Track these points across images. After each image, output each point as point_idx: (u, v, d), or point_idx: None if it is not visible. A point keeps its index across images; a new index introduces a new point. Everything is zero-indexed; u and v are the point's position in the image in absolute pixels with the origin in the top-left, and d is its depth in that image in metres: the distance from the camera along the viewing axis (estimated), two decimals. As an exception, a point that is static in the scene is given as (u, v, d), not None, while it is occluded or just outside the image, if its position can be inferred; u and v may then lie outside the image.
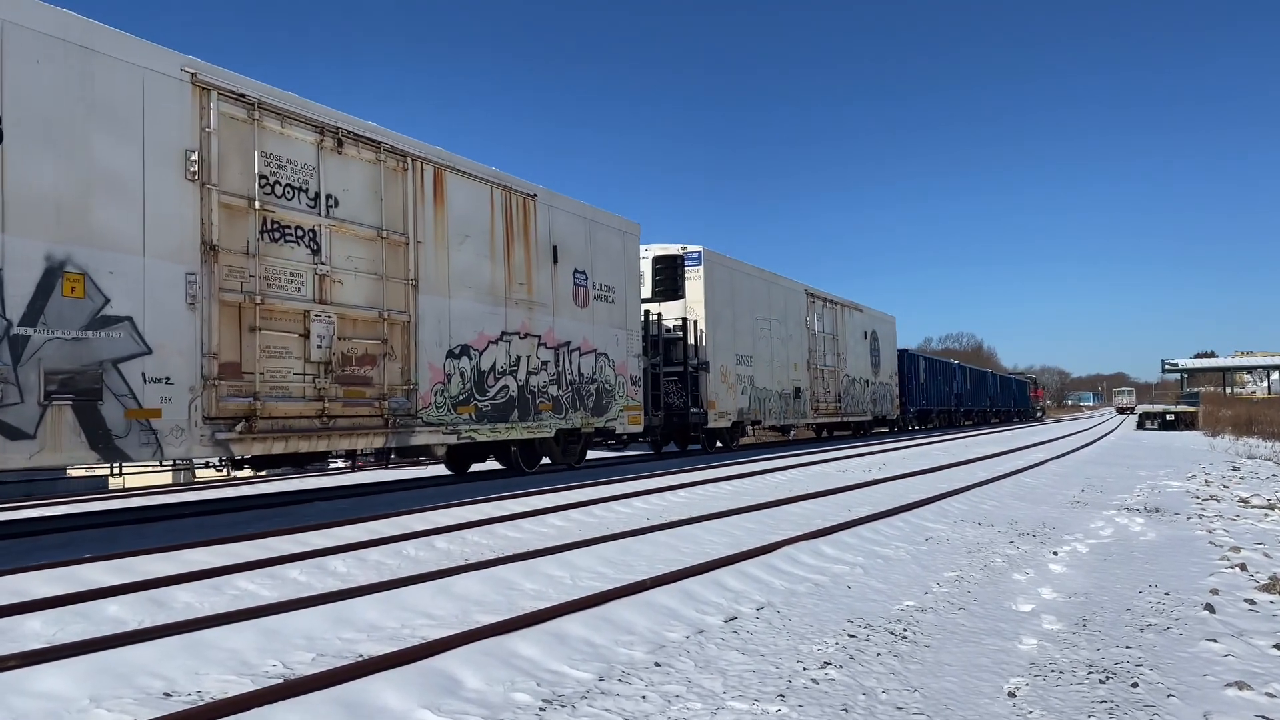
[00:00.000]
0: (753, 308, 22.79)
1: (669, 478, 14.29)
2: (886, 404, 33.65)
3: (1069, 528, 9.55)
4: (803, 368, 25.71)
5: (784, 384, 24.30)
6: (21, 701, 3.90)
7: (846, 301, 30.13)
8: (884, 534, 8.60)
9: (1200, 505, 11.71)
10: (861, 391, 30.72)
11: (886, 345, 34.19)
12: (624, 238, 16.69)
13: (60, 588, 6.26)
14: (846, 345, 29.51)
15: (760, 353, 22.99)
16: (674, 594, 5.88)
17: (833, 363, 28.13)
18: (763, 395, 23.00)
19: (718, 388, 20.49)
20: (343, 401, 10.26)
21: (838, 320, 28.91)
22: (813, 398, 26.25)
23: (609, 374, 15.84)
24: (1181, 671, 4.55)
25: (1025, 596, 6.23)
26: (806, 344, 26.14)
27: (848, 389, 29.35)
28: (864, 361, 31.30)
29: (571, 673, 4.43)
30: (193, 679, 4.30)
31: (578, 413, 14.85)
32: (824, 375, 27.30)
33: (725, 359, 21.00)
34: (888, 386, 33.96)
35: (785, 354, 24.55)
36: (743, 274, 22.46)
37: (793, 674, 4.44)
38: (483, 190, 12.83)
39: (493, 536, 8.67)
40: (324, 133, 10.21)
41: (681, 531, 8.56)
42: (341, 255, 10.33)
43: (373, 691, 3.96)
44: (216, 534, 8.68)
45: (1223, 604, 5.96)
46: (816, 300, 27.28)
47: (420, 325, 11.46)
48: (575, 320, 14.95)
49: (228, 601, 6.01)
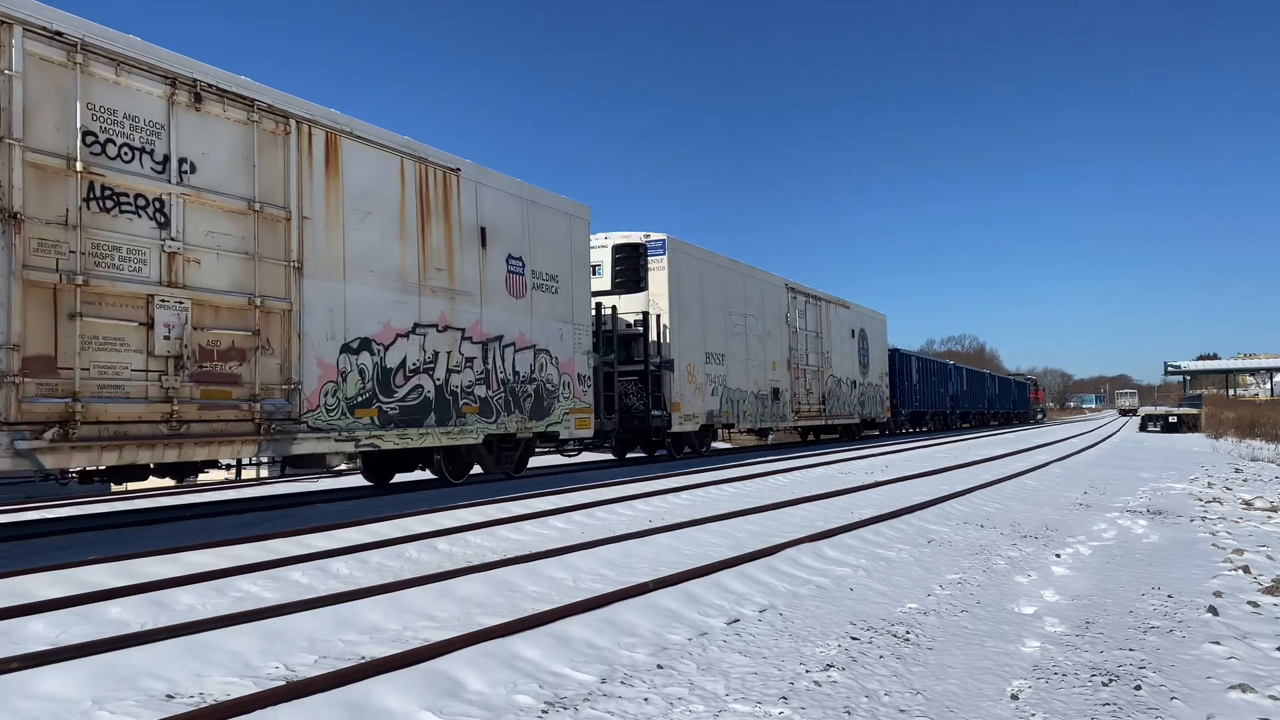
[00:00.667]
0: (725, 302, 21.21)
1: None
2: (876, 406, 32.25)
3: (1071, 530, 9.54)
4: (783, 367, 24.26)
5: (761, 384, 22.83)
6: (25, 704, 3.90)
7: (832, 297, 28.70)
8: (886, 536, 8.59)
9: (1203, 507, 11.70)
10: (848, 393, 29.31)
11: (876, 344, 32.81)
12: (570, 222, 14.94)
13: (63, 590, 6.27)
14: (832, 344, 28.07)
15: (734, 351, 21.46)
16: (676, 596, 5.88)
17: (816, 362, 26.72)
18: (736, 396, 21.50)
19: (683, 388, 19.07)
20: (199, 404, 8.63)
21: (822, 317, 27.50)
22: (794, 399, 24.85)
23: (551, 373, 14.20)
24: (1184, 674, 4.54)
25: (1028, 599, 6.22)
26: (787, 342, 24.60)
27: (833, 390, 27.93)
28: (851, 361, 29.86)
29: (574, 675, 4.42)
30: (195, 681, 4.30)
31: (512, 416, 13.25)
32: (806, 375, 25.91)
33: (692, 357, 19.55)
34: (878, 388, 32.58)
35: (763, 352, 23.04)
36: (713, 265, 20.92)
37: (795, 676, 4.44)
38: (390, 161, 11.24)
39: (495, 538, 8.67)
40: (176, 85, 8.61)
41: (684, 534, 8.56)
42: (199, 230, 8.72)
43: (375, 693, 3.96)
44: (218, 536, 8.69)
45: (1226, 606, 5.95)
46: (798, 295, 25.75)
47: (306, 315, 9.83)
48: (509, 312, 13.25)
49: (230, 603, 6.01)
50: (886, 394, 33.71)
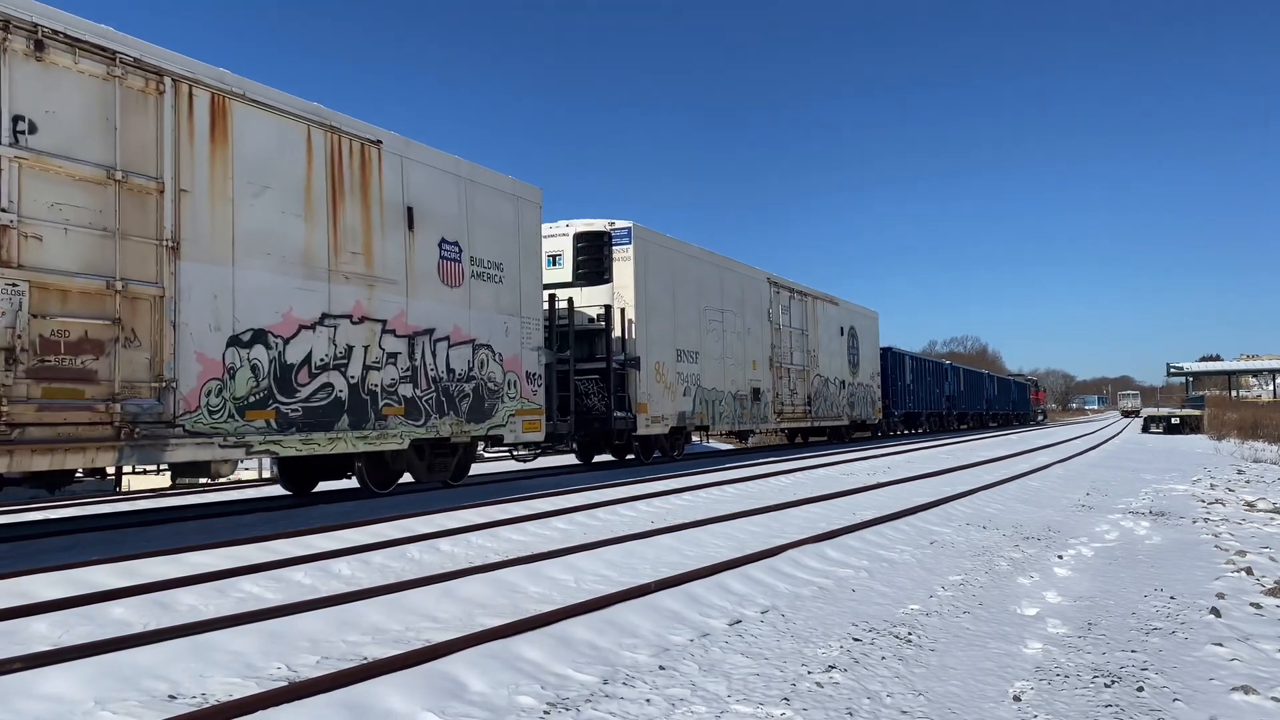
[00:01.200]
0: (700, 296, 20.00)
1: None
2: (866, 407, 30.92)
3: (1074, 531, 9.54)
4: (764, 366, 22.96)
5: (740, 384, 21.57)
6: (28, 704, 3.91)
7: (819, 293, 27.38)
8: (888, 537, 8.59)
9: (1206, 509, 11.69)
10: (837, 393, 28.14)
11: (867, 343, 31.53)
12: (518, 205, 13.51)
13: (65, 590, 6.27)
14: (818, 342, 26.81)
15: (709, 348, 20.23)
16: (678, 597, 5.88)
17: (802, 361, 25.45)
18: (712, 397, 20.26)
19: (651, 388, 17.82)
20: (39, 404, 7.41)
21: (808, 314, 26.21)
22: (776, 400, 23.57)
23: (494, 370, 12.81)
24: (1187, 676, 4.54)
25: (1030, 600, 6.22)
26: (769, 339, 23.33)
27: (820, 390, 26.65)
28: (840, 360, 28.60)
29: (576, 676, 4.43)
30: (197, 681, 4.30)
31: (446, 418, 11.84)
32: (790, 375, 24.65)
33: (662, 354, 18.34)
34: (868, 388, 31.26)
35: (742, 350, 21.76)
36: (686, 257, 19.69)
37: (797, 677, 4.44)
38: (294, 129, 9.91)
39: (497, 539, 8.67)
40: (9, 29, 7.33)
41: (686, 535, 8.56)
42: (40, 201, 7.50)
43: (377, 694, 3.96)
44: (221, 537, 8.70)
45: (1228, 608, 5.95)
46: (782, 290, 24.43)
47: (183, 302, 8.57)
48: (442, 303, 11.86)
49: (232, 604, 6.01)
50: (878, 395, 32.67)
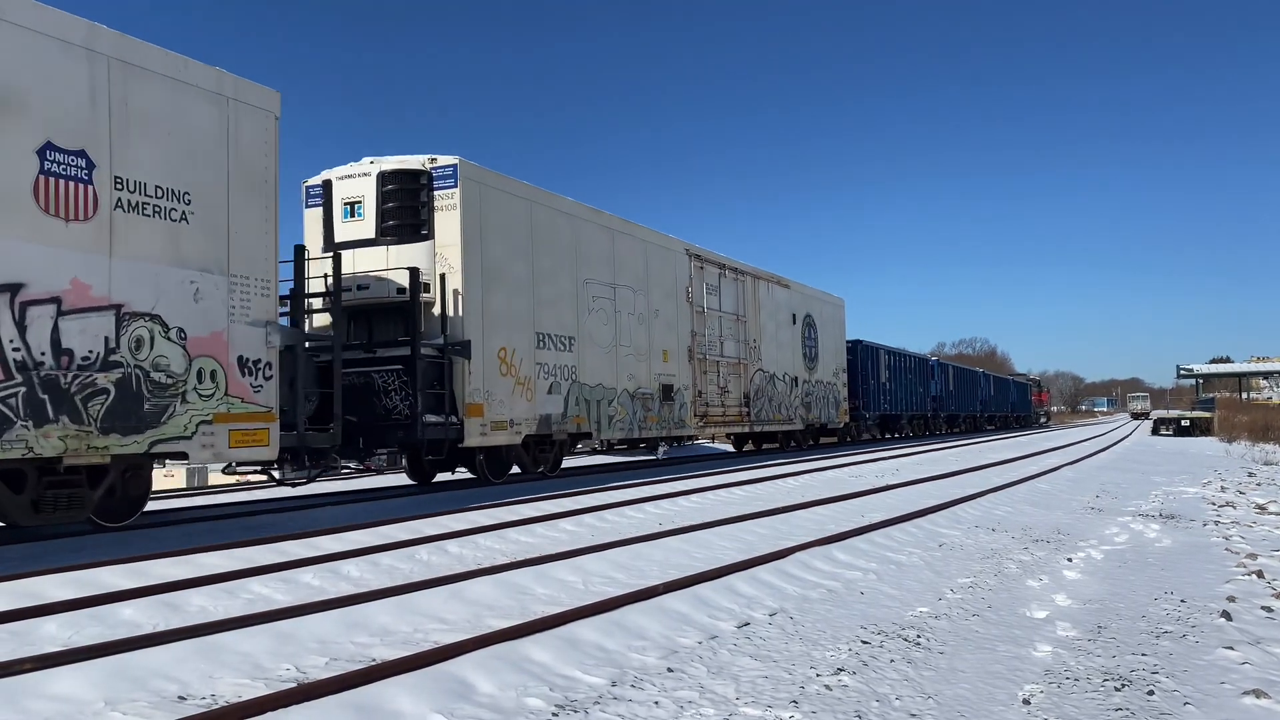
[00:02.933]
0: (577, 265, 15.82)
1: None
2: (828, 408, 27.24)
3: (1083, 534, 9.50)
4: (679, 358, 18.89)
5: (642, 380, 17.47)
6: (38, 704, 3.92)
7: (762, 272, 23.22)
8: (897, 540, 8.57)
9: (1216, 511, 11.63)
10: (786, 392, 24.19)
11: (830, 334, 27.59)
12: (229, 110, 9.52)
13: (75, 591, 6.30)
14: (761, 330, 22.71)
15: (593, 333, 16.12)
16: (686, 599, 5.88)
17: (736, 352, 21.31)
18: (596, 395, 16.04)
19: (492, 383, 13.47)
20: None
21: (745, 296, 22.05)
22: (699, 399, 19.45)
23: (165, 353, 8.74)
24: (1198, 679, 4.51)
25: (1040, 603, 6.20)
26: (689, 325, 19.25)
27: (763, 388, 22.70)
28: (791, 353, 24.63)
29: (584, 678, 4.42)
30: (207, 682, 4.32)
31: (54, 427, 7.80)
32: (720, 369, 20.58)
33: (511, 339, 13.97)
34: (830, 386, 27.51)
35: (645, 338, 17.65)
36: (552, 211, 15.20)
37: (806, 680, 4.43)
38: None
39: (505, 541, 8.68)
40: None
41: (692, 535, 8.56)
42: None
43: (386, 696, 3.96)
44: (229, 538, 8.72)
45: (1240, 611, 5.91)
46: (708, 266, 20.33)
47: None
48: (45, 244, 7.84)
49: (241, 605, 6.03)
50: (843, 394, 28.91)
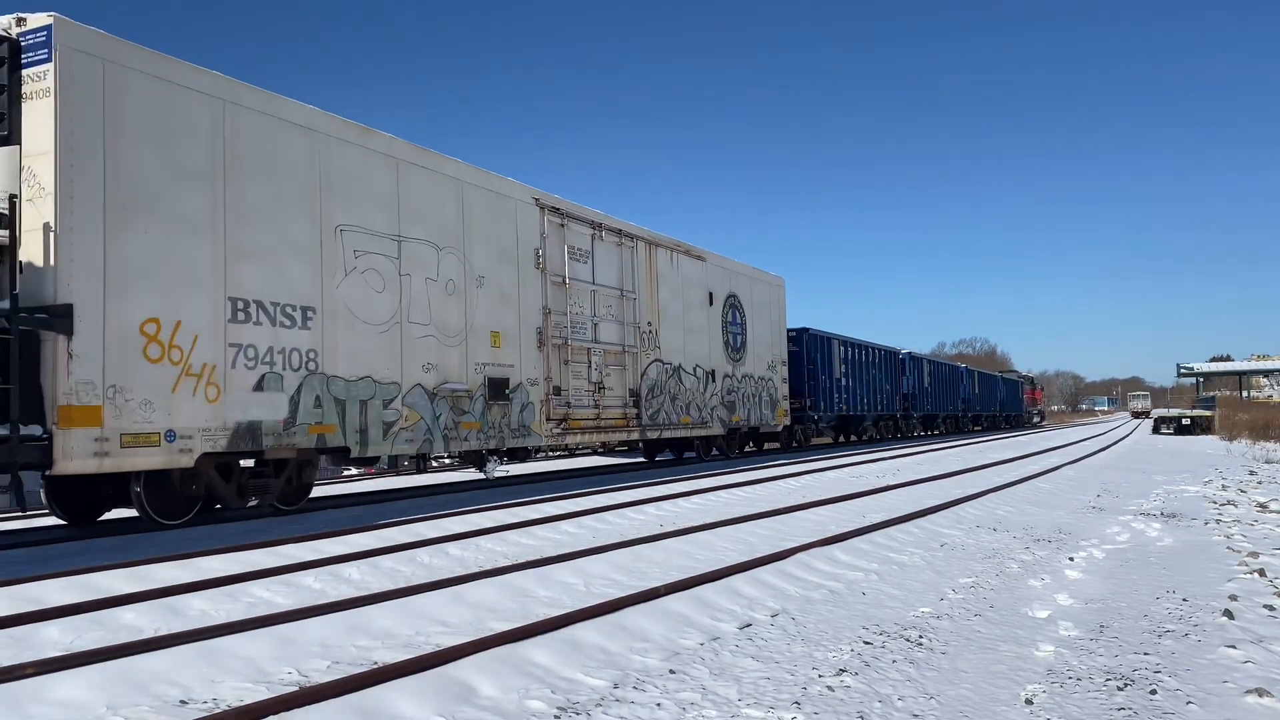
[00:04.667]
0: (323, 203, 10.94)
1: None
2: (761, 408, 22.73)
3: (1085, 533, 9.49)
4: (522, 343, 14.01)
5: (450, 371, 12.51)
6: (40, 709, 3.92)
7: (662, 238, 18.26)
8: (898, 540, 8.56)
9: (1218, 510, 11.62)
10: (699, 389, 19.57)
11: (764, 320, 23.02)
12: None
13: (76, 595, 6.30)
14: (661, 311, 18.08)
15: (353, 303, 11.15)
16: (688, 600, 5.87)
17: (621, 338, 16.61)
18: (357, 393, 11.16)
19: (127, 373, 8.69)
20: None
21: (636, 267, 17.31)
22: (555, 397, 14.61)
23: None
24: (1200, 678, 4.51)
25: (1042, 603, 6.19)
26: (540, 300, 14.41)
27: (662, 384, 17.96)
28: (708, 341, 20.12)
29: (586, 680, 4.42)
30: (209, 687, 4.31)
31: None
32: (593, 359, 15.82)
33: (172, 304, 9.16)
34: (764, 382, 22.88)
35: (458, 313, 12.66)
36: (269, 122, 10.36)
37: (808, 681, 4.42)
38: None
39: (506, 543, 8.67)
40: None
41: (695, 538, 8.55)
42: None
43: (388, 699, 3.96)
44: (231, 541, 8.72)
45: (1242, 610, 5.91)
46: (573, 224, 15.39)
47: None
48: None
49: (243, 609, 6.03)
50: (783, 391, 24.24)
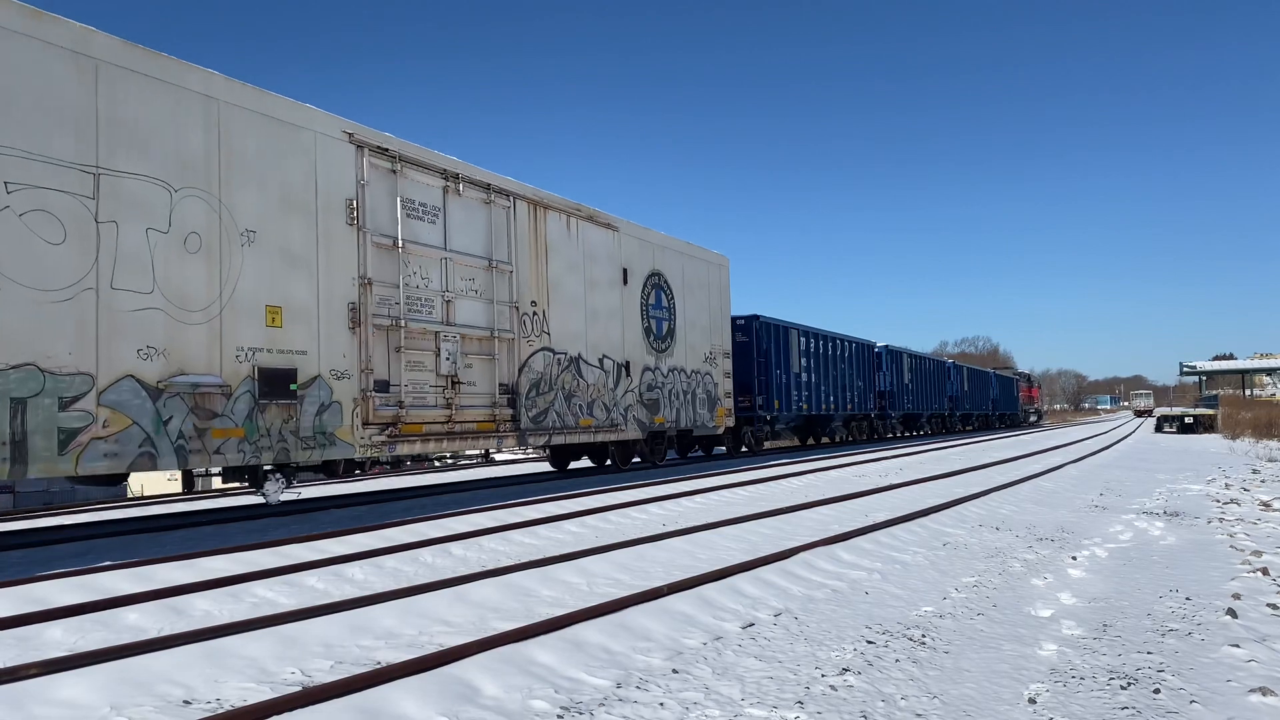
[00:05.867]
0: None
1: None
2: (697, 407, 19.12)
3: (1088, 532, 9.48)
4: (328, 323, 10.61)
5: (185, 359, 8.92)
6: (43, 710, 3.93)
7: (552, 199, 14.87)
8: (901, 539, 8.56)
9: (1221, 509, 11.61)
10: (608, 385, 16.14)
11: (700, 304, 19.49)
12: None
13: (80, 596, 6.31)
14: (550, 289, 14.64)
15: (14, 257, 7.51)
16: (691, 600, 5.87)
17: (490, 320, 13.07)
18: (12, 389, 7.39)
19: None
20: None
21: (513, 232, 13.69)
22: (376, 395, 11.10)
23: None
24: (1204, 677, 4.50)
25: (1044, 602, 6.19)
26: (356, 265, 11.03)
27: (550, 378, 14.48)
28: (620, 327, 16.57)
29: (589, 680, 4.42)
30: (212, 687, 4.32)
31: None
32: (444, 345, 12.13)
33: None
34: (700, 377, 19.34)
35: (201, 279, 9.14)
36: None
37: (811, 681, 4.42)
38: None
39: (509, 543, 8.68)
40: None
41: (698, 538, 8.55)
42: None
43: (391, 699, 3.96)
44: (234, 541, 8.73)
45: (1245, 609, 5.90)
46: (409, 171, 11.82)
47: None
48: None
49: (246, 609, 6.03)
50: (723, 388, 20.39)
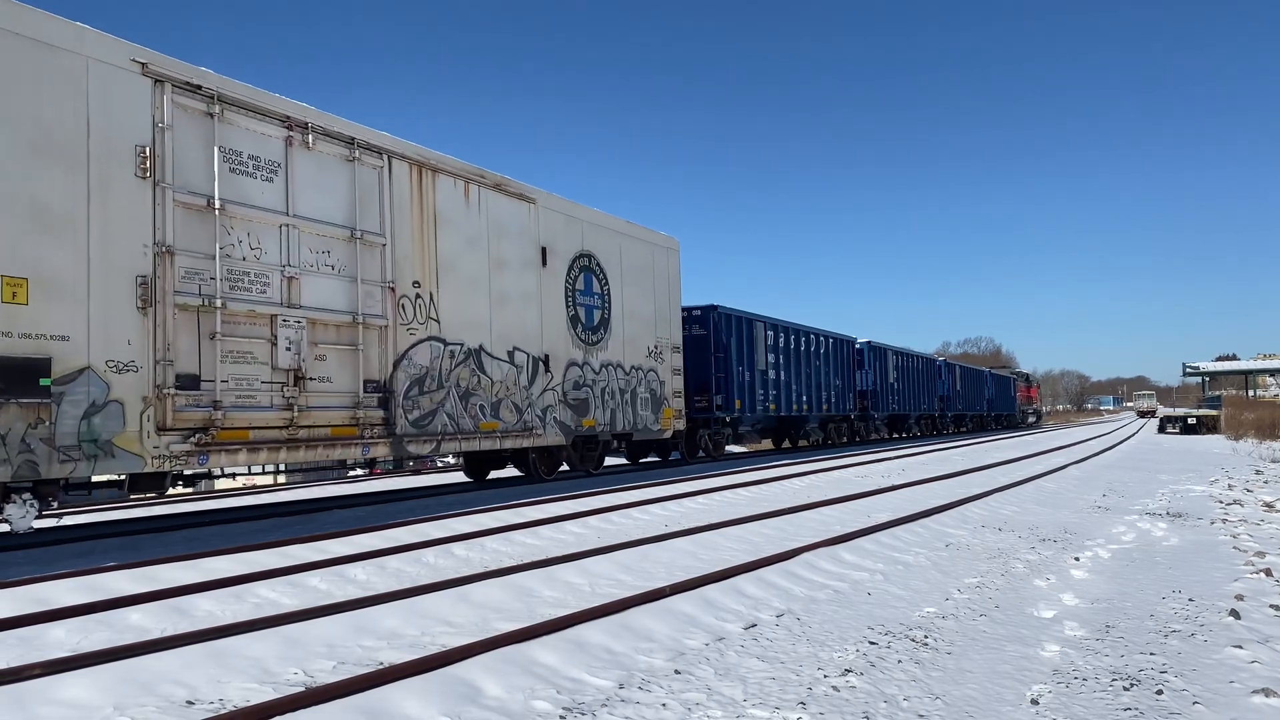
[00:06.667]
0: None
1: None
2: (641, 407, 16.92)
3: (1090, 533, 9.48)
4: (104, 301, 8.00)
5: None
6: (47, 710, 3.93)
7: (446, 161, 12.57)
8: (904, 540, 8.55)
9: (1224, 510, 11.60)
10: (519, 382, 13.64)
11: (642, 292, 17.27)
12: None
13: (83, 596, 6.32)
14: (441, 268, 12.38)
15: None
16: (693, 601, 5.87)
17: (353, 303, 10.86)
18: None
19: None
20: None
21: (387, 198, 11.57)
22: (182, 396, 8.59)
23: None
24: (1207, 678, 4.50)
25: (1047, 602, 6.19)
26: (150, 229, 8.41)
27: (442, 373, 12.27)
28: (537, 316, 14.13)
29: (592, 680, 4.42)
30: (215, 687, 4.32)
31: None
32: (280, 332, 9.71)
33: None
34: (644, 374, 17.08)
35: None
36: None
37: (813, 681, 4.42)
38: None
39: (511, 544, 8.68)
40: None
41: (700, 539, 8.55)
42: None
43: (394, 699, 3.97)
44: (237, 542, 8.74)
45: (1248, 610, 5.90)
46: (233, 116, 9.37)
47: None
48: None
49: (249, 609, 6.04)
50: (671, 386, 17.99)
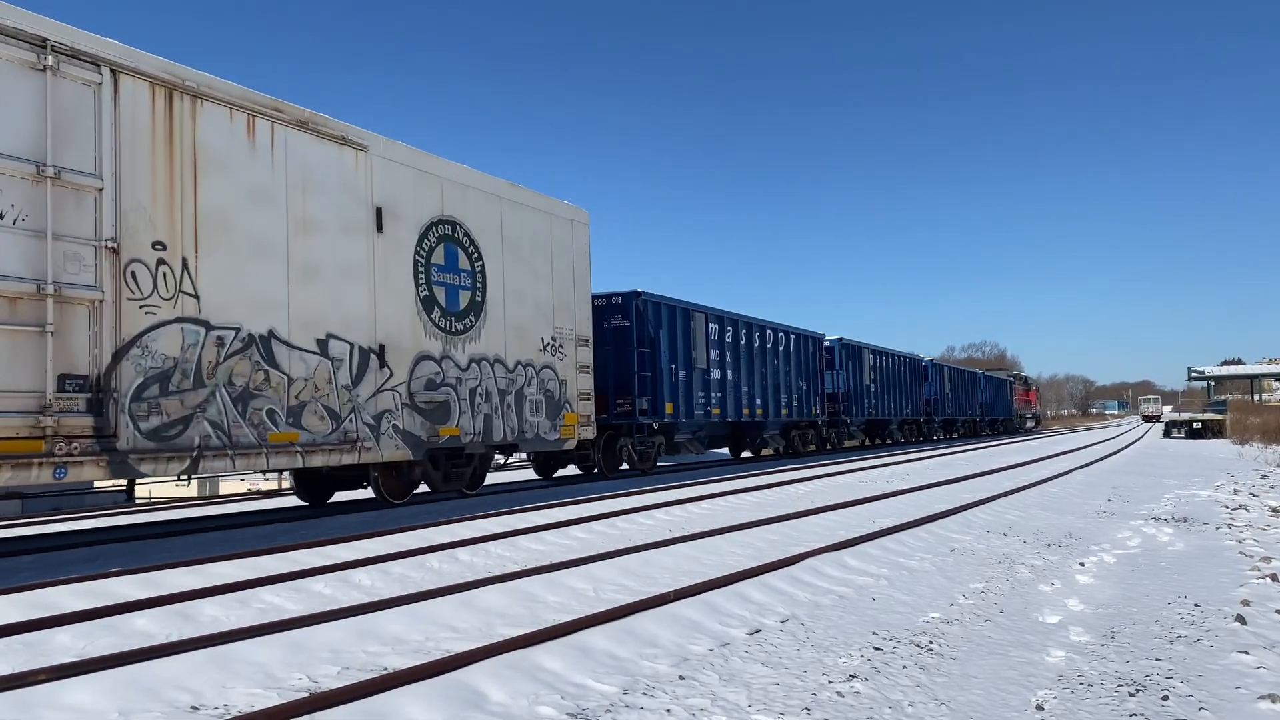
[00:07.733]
0: None
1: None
2: (531, 413, 14.13)
3: (1095, 538, 9.45)
4: None
5: None
6: (52, 715, 3.94)
7: (217, 84, 8.86)
8: (908, 545, 8.54)
9: (1229, 514, 11.56)
10: (337, 379, 10.23)
11: (536, 272, 14.31)
12: None
13: (88, 601, 6.32)
14: (203, 225, 8.62)
15: None
16: (698, 606, 5.86)
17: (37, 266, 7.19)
18: None
19: None
20: None
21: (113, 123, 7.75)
22: None
23: None
24: (1213, 684, 4.49)
25: (1052, 608, 6.17)
26: None
27: (201, 368, 8.58)
28: (368, 295, 10.75)
29: (596, 686, 4.42)
30: (220, 692, 4.33)
31: None
32: None
33: None
34: (536, 372, 14.28)
35: None
36: None
37: (818, 686, 4.42)
38: None
39: (516, 549, 8.68)
40: None
41: (704, 544, 8.54)
42: None
43: (398, 705, 3.97)
44: (241, 547, 8.75)
45: (1254, 615, 5.88)
46: None
47: None
48: None
49: (254, 615, 6.05)
50: (578, 387, 15.25)
